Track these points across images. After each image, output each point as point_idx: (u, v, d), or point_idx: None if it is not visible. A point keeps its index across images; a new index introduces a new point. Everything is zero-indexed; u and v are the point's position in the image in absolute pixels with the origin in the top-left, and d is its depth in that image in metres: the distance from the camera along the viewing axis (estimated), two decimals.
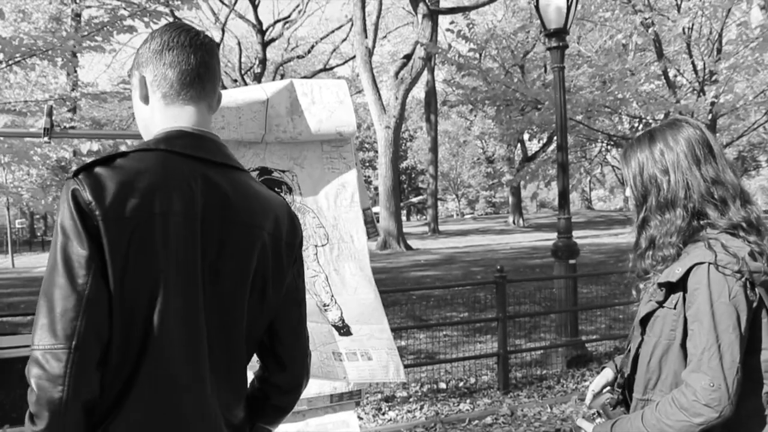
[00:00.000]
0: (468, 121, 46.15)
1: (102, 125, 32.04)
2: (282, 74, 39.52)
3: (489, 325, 8.98)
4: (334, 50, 41.28)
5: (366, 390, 6.35)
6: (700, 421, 1.81)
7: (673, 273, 1.91)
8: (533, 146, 34.21)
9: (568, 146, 8.31)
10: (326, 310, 2.67)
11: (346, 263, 2.69)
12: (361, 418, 6.00)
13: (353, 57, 34.60)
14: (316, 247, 2.67)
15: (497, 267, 7.12)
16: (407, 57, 24.02)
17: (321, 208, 2.69)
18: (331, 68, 42.28)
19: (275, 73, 38.45)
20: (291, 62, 41.03)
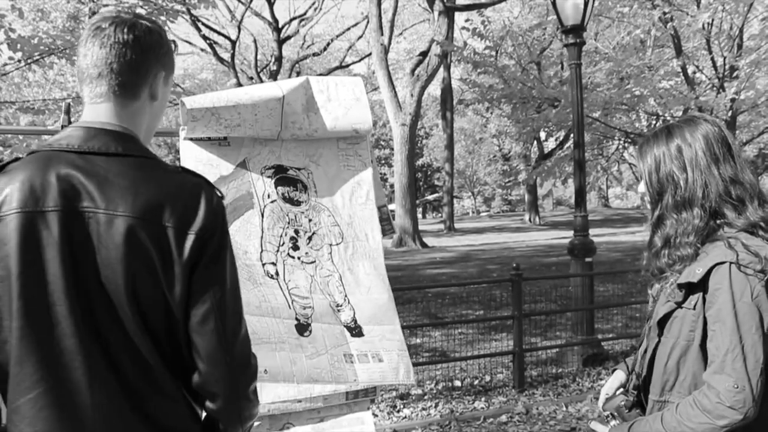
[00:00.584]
0: (484, 118, 45.99)
1: None
2: (298, 72, 39.57)
3: (504, 323, 8.95)
4: (350, 47, 41.23)
5: (381, 388, 6.37)
6: (724, 424, 1.78)
7: (694, 273, 1.88)
8: (549, 144, 34.03)
9: (584, 144, 8.26)
10: (339, 311, 2.68)
11: (361, 262, 2.68)
12: (375, 416, 6.00)
13: (369, 54, 34.58)
14: (331, 245, 2.67)
15: (513, 265, 7.10)
16: (423, 54, 23.97)
17: (336, 206, 2.68)
18: (347, 65, 42.26)
19: (291, 71, 38.49)
20: (307, 60, 41.04)
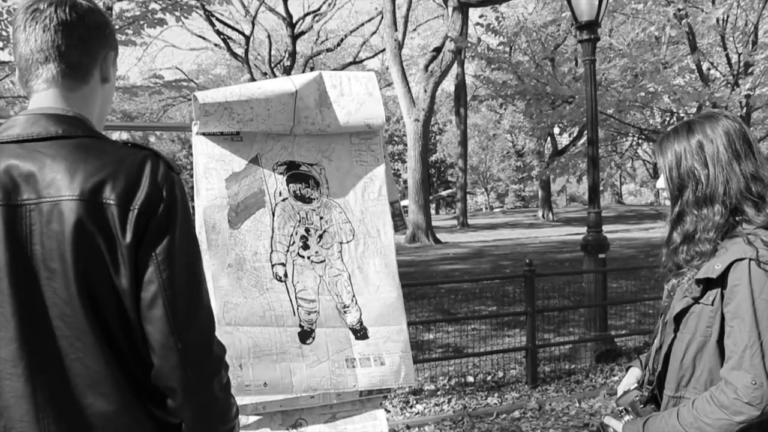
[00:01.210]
0: (498, 114, 45.88)
1: (133, 118, 32.36)
2: (312, 67, 39.57)
3: (517, 319, 8.94)
4: (363, 43, 41.22)
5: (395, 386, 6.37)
6: (741, 419, 1.78)
7: (713, 269, 1.87)
8: (563, 140, 33.91)
9: (598, 140, 8.23)
10: (346, 312, 2.68)
11: (372, 259, 2.68)
12: (388, 412, 6.01)
13: (383, 50, 34.56)
14: (341, 244, 2.67)
15: (526, 261, 7.08)
16: (437, 50, 23.91)
17: (348, 202, 2.69)
18: (361, 61, 42.26)
19: (305, 66, 38.51)
20: (321, 55, 41.05)
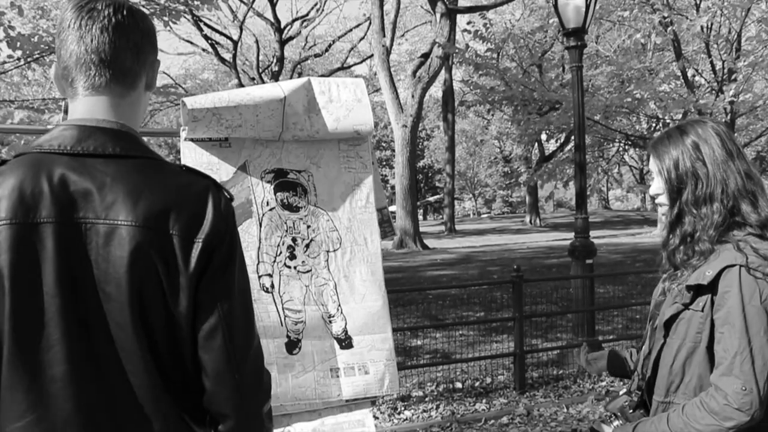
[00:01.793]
0: (485, 120, 46.03)
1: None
2: (300, 72, 39.59)
3: (505, 324, 8.95)
4: (351, 49, 41.29)
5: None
6: (731, 425, 1.80)
7: (704, 276, 1.89)
8: (550, 146, 34.07)
9: (585, 146, 8.27)
10: (331, 322, 2.68)
11: (358, 268, 2.68)
12: (376, 418, 6.00)
13: (371, 55, 34.62)
14: (328, 252, 2.66)
15: (514, 266, 7.09)
16: (425, 56, 23.95)
17: (336, 210, 2.68)
18: (349, 67, 42.30)
19: (293, 72, 38.52)
20: (309, 60, 41.07)
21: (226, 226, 1.50)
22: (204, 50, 37.30)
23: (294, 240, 2.62)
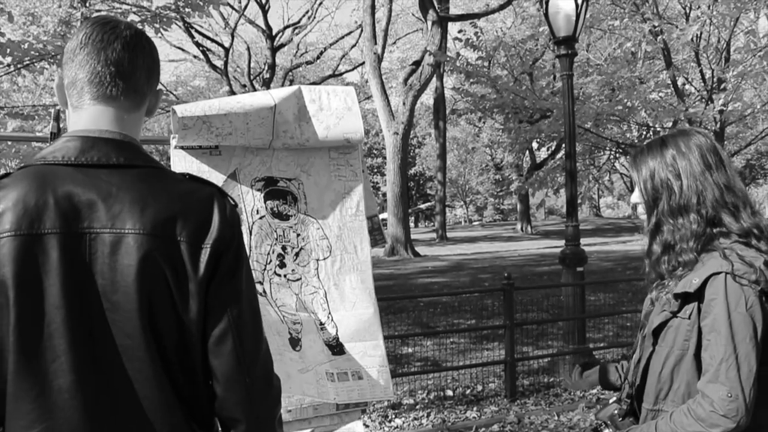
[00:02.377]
0: (477, 128, 46.09)
1: None
2: (291, 80, 39.61)
3: (496, 332, 8.95)
4: (343, 56, 41.34)
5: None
6: None
7: (690, 284, 1.90)
8: (542, 154, 34.16)
9: (576, 154, 8.29)
10: (322, 329, 2.67)
11: (348, 276, 2.67)
12: (367, 426, 5.98)
13: (362, 63, 34.67)
14: (318, 261, 2.66)
15: (505, 274, 7.10)
16: (416, 63, 24.03)
17: (326, 218, 2.68)
18: (340, 74, 42.38)
19: (284, 79, 38.54)
20: (300, 68, 41.11)
21: (233, 231, 1.52)
22: (195, 57, 37.32)
23: (284, 248, 2.62)
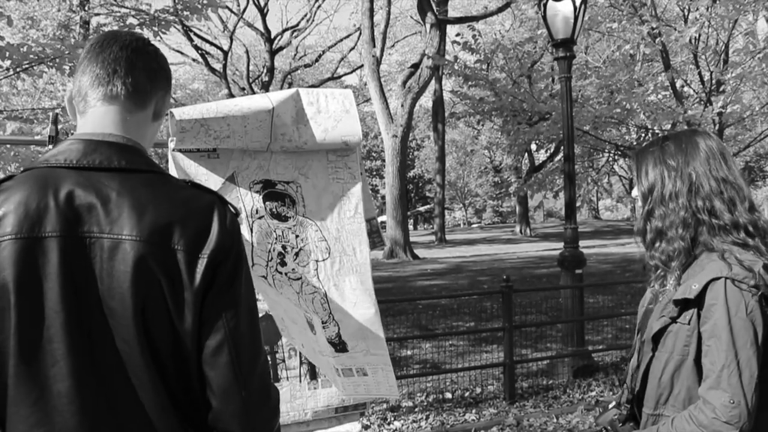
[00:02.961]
0: (475, 130, 46.13)
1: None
2: (290, 83, 39.64)
3: (495, 334, 8.95)
4: (342, 59, 41.39)
5: (372, 401, 6.37)
6: None
7: (690, 289, 1.90)
8: (540, 156, 34.18)
9: (575, 156, 8.30)
10: (324, 328, 2.66)
11: (347, 277, 2.67)
12: (366, 428, 5.98)
13: (361, 66, 34.68)
14: (317, 262, 2.65)
15: (504, 276, 7.10)
16: (415, 66, 24.04)
17: (324, 220, 2.67)
18: (339, 77, 42.38)
19: (283, 82, 38.56)
20: (299, 71, 41.14)
21: (232, 241, 1.50)
22: (194, 60, 37.31)
23: (284, 248, 2.61)
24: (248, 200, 2.59)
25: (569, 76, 7.91)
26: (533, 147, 27.77)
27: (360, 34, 29.40)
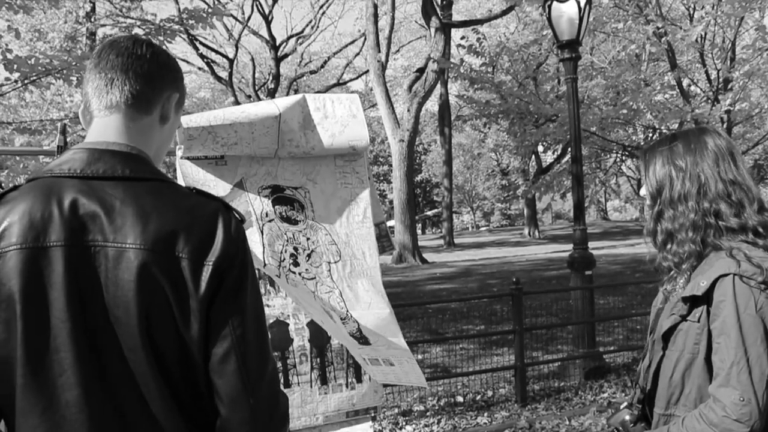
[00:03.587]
0: (482, 133, 46.11)
1: None
2: (296, 89, 39.68)
3: (506, 337, 8.93)
4: (347, 65, 41.44)
5: (383, 404, 6.35)
6: None
7: (698, 287, 1.89)
8: (548, 158, 34.12)
9: (582, 157, 8.29)
10: (344, 323, 2.66)
11: (359, 280, 2.67)
12: None
13: (366, 71, 34.76)
14: (329, 263, 2.65)
15: (513, 279, 7.09)
16: (420, 70, 24.05)
17: (333, 225, 2.68)
18: (345, 83, 42.43)
19: (289, 89, 38.62)
20: (304, 77, 41.19)
21: (237, 248, 1.48)
22: (200, 69, 37.42)
23: (295, 249, 2.61)
24: (257, 204, 2.59)
25: (575, 77, 7.90)
26: (540, 149, 27.74)
27: (365, 39, 29.48)
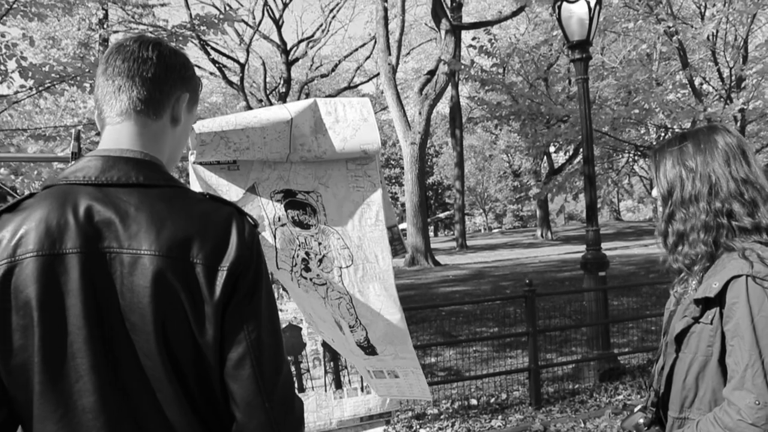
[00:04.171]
0: (493, 135, 46.03)
1: None
2: (307, 93, 39.81)
3: (519, 339, 8.90)
4: (358, 68, 41.49)
5: (397, 408, 6.35)
6: None
7: (711, 288, 1.87)
8: (559, 158, 34.01)
9: (594, 158, 8.26)
10: (352, 331, 2.66)
11: (371, 284, 2.67)
12: None
13: (377, 74, 34.82)
14: (341, 268, 2.66)
15: (526, 281, 7.07)
16: (431, 73, 24.06)
17: (345, 229, 2.68)
18: (356, 86, 42.50)
19: (300, 92, 38.75)
20: (315, 81, 41.32)
21: (251, 253, 1.49)
22: (212, 74, 37.54)
23: (307, 254, 2.62)
24: (270, 209, 2.60)
25: (586, 77, 7.88)
26: (552, 150, 27.68)
27: (375, 42, 29.54)
